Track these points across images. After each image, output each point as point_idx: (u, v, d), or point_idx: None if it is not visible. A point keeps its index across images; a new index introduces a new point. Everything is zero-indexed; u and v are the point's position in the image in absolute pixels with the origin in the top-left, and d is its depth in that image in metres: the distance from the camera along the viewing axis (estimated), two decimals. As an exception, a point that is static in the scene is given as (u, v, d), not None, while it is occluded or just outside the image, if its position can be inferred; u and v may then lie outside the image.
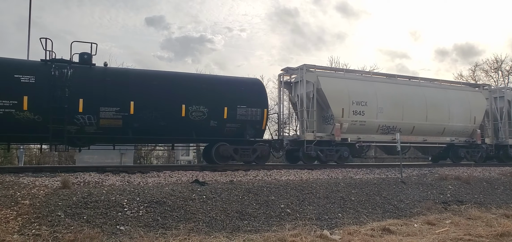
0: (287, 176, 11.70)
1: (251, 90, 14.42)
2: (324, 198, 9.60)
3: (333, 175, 12.39)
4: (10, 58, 11.98)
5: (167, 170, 11.73)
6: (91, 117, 11.88)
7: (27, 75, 11.36)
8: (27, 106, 11.16)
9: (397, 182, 11.76)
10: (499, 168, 16.58)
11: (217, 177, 10.79)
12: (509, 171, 15.38)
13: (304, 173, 12.34)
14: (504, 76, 38.47)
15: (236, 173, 11.63)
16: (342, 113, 15.62)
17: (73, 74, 11.91)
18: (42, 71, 11.66)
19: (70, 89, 11.70)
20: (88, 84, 12.04)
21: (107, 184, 9.00)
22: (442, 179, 12.62)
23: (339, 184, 10.72)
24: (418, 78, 19.43)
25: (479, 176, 14.09)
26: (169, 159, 28.68)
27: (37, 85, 11.35)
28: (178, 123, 12.92)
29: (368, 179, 11.90)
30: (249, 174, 11.67)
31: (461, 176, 13.24)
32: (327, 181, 10.98)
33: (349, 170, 13.70)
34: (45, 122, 11.32)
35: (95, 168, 11.32)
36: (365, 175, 12.87)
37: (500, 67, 38.29)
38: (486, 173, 14.91)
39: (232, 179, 10.51)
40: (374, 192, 10.54)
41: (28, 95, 11.18)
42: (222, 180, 10.37)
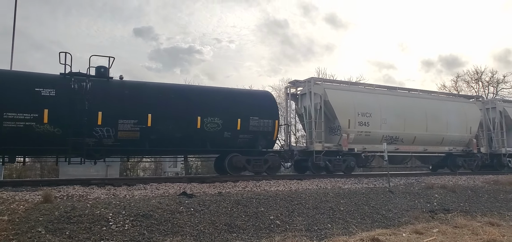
0: (276, 186, 11.64)
1: (263, 102, 14.92)
2: (313, 209, 9.55)
3: (322, 185, 12.38)
4: (30, 72, 12.20)
5: (154, 182, 11.62)
6: (110, 130, 12.06)
7: (47, 89, 11.49)
8: (47, 119, 11.25)
9: (385, 191, 11.83)
10: (482, 176, 16.99)
11: (205, 188, 10.68)
12: (492, 179, 15.76)
13: (293, 183, 12.30)
14: (485, 87, 39.77)
15: (225, 185, 11.54)
16: (349, 124, 16.11)
17: (92, 87, 12.12)
18: (62, 85, 11.85)
19: (90, 102, 11.86)
20: (107, 98, 12.26)
21: (91, 198, 8.78)
22: (428, 188, 12.78)
23: (328, 194, 10.70)
24: (417, 90, 20.30)
25: (464, 184, 14.33)
26: (156, 171, 28.33)
27: (57, 98, 11.50)
28: (194, 134, 13.23)
29: (356, 189, 11.94)
30: (238, 185, 11.59)
31: (447, 184, 13.45)
32: (316, 191, 10.96)
33: (338, 180, 13.75)
34: (64, 134, 11.41)
35: (79, 181, 11.07)
36: (353, 185, 12.91)
37: (480, 78, 40.07)
38: (471, 182, 15.19)
39: (221, 191, 10.38)
40: (363, 202, 10.55)
41: (49, 109, 11.30)
42: (210, 192, 10.25)
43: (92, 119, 11.81)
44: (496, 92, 38.93)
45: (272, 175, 14.07)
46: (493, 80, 39.56)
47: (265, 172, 14.36)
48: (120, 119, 12.13)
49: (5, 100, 10.92)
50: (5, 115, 10.79)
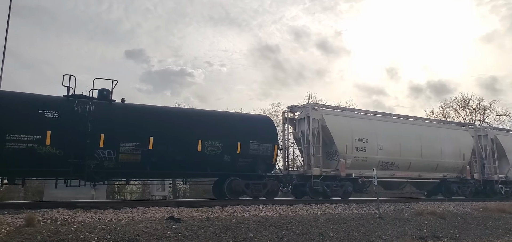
0: (266, 211, 11.63)
1: (262, 126, 15.14)
2: (303, 235, 9.48)
3: (312, 211, 12.37)
4: (34, 94, 12.33)
5: (141, 205, 11.46)
6: (111, 152, 12.12)
7: (51, 111, 11.60)
8: (50, 141, 11.30)
9: (375, 217, 11.80)
10: (471, 203, 17.16)
11: (193, 213, 10.57)
12: (481, 205, 15.84)
13: (283, 209, 12.31)
14: (472, 114, 40.45)
15: (213, 209, 11.42)
16: (346, 149, 16.33)
17: (94, 110, 12.28)
18: (66, 107, 12.00)
19: (92, 125, 12.01)
20: (109, 120, 12.42)
21: (76, 221, 8.61)
22: (418, 214, 12.78)
23: (318, 220, 10.67)
24: (412, 117, 20.74)
25: (453, 211, 14.35)
26: (144, 194, 27.88)
27: (60, 120, 11.61)
28: (194, 157, 13.27)
29: (346, 215, 11.91)
30: (227, 210, 11.51)
31: (437, 211, 13.45)
32: (306, 217, 10.94)
33: (328, 205, 13.73)
34: (66, 156, 11.46)
35: (64, 204, 10.85)
36: (343, 211, 12.88)
37: (468, 105, 41.04)
38: (460, 208, 15.24)
39: (209, 216, 10.29)
40: (353, 228, 10.49)
41: (52, 130, 11.38)
42: (199, 216, 10.15)
43: (94, 142, 11.88)
44: (483, 120, 39.74)
45: (268, 199, 14.13)
46: (480, 107, 40.73)
47: (264, 196, 14.39)
48: (122, 142, 12.23)
49: (9, 122, 11.00)
50: (7, 137, 10.84)
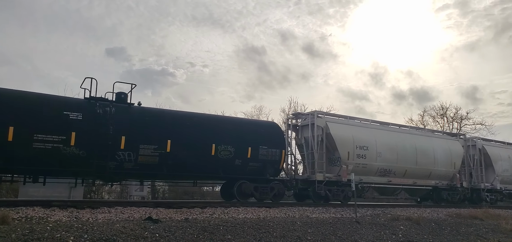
0: (245, 214, 11.70)
1: (271, 132, 15.85)
2: (280, 238, 9.61)
3: (290, 214, 12.51)
4: (59, 96, 12.87)
5: (119, 205, 11.35)
6: (131, 154, 12.51)
7: (75, 112, 11.99)
8: (74, 142, 11.66)
9: (352, 221, 12.06)
10: (445, 209, 17.61)
11: (171, 214, 10.54)
12: (454, 212, 16.27)
13: (261, 211, 12.40)
14: (449, 123, 41.40)
15: (192, 210, 11.41)
16: (348, 156, 17.00)
17: (115, 112, 12.67)
18: (88, 109, 12.36)
19: (114, 127, 12.36)
20: (129, 123, 12.86)
21: (52, 220, 8.46)
22: (394, 219, 13.10)
23: (296, 223, 10.86)
24: (408, 127, 22.19)
25: (428, 216, 14.71)
26: (122, 194, 27.53)
27: (84, 122, 11.99)
28: (208, 160, 13.84)
29: (324, 218, 12.13)
30: (206, 211, 11.48)
31: (412, 216, 13.77)
32: (284, 220, 11.12)
33: (306, 209, 13.90)
34: (88, 157, 11.87)
35: (40, 202, 10.59)
36: (321, 214, 13.09)
37: (445, 113, 41.84)
38: (434, 214, 15.63)
39: (188, 217, 10.27)
40: (330, 232, 10.68)
41: (76, 132, 11.73)
42: (177, 217, 10.12)
43: (116, 144, 12.29)
44: (460, 128, 40.53)
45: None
46: (457, 116, 41.40)
47: (271, 199, 15.00)
48: (141, 144, 12.68)
49: (36, 122, 11.34)
50: (35, 137, 11.14)
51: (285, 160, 16.16)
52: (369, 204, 17.85)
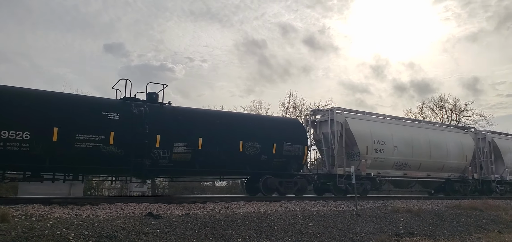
0: (245, 208, 11.64)
1: (294, 129, 16.69)
2: (281, 231, 9.59)
3: (291, 208, 12.50)
4: (97, 97, 13.66)
5: (119, 201, 11.34)
6: (166, 151, 13.22)
7: (113, 113, 12.63)
8: (113, 141, 12.28)
9: (353, 214, 12.04)
10: (445, 201, 17.59)
11: (172, 209, 10.53)
12: (454, 203, 16.17)
13: (262, 205, 12.35)
14: (448, 114, 41.57)
15: (193, 206, 11.40)
16: (367, 151, 17.56)
17: (149, 112, 13.35)
18: (125, 109, 13.03)
19: (149, 126, 13.03)
20: (163, 122, 13.54)
21: (52, 217, 8.42)
22: (395, 211, 13.08)
23: (297, 216, 10.85)
24: (421, 121, 23.33)
25: (428, 208, 14.67)
26: (122, 190, 27.52)
27: (121, 122, 12.64)
28: (236, 156, 14.62)
29: (324, 211, 12.11)
30: (206, 206, 11.49)
31: (412, 208, 13.74)
32: (284, 213, 11.09)
33: (307, 202, 13.90)
34: (126, 155, 12.50)
35: (40, 200, 10.56)
36: (321, 207, 13.10)
37: (444, 105, 42.11)
38: (435, 206, 15.58)
39: (188, 212, 10.25)
40: (331, 225, 10.68)
41: (114, 131, 12.35)
42: (178, 213, 10.11)
43: (151, 142, 12.98)
44: (459, 120, 40.54)
45: (298, 196, 14.95)
46: (456, 108, 41.61)
47: (294, 193, 15.58)
48: (175, 142, 13.39)
49: (78, 123, 12.00)
50: (77, 137, 11.83)
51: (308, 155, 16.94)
52: (369, 196, 17.86)
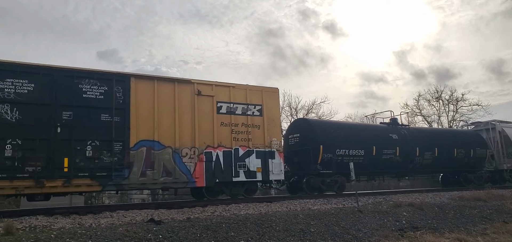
0: (246, 210, 11.63)
1: (479, 138, 23.74)
2: (283, 231, 9.57)
3: (292, 207, 12.45)
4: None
5: (121, 209, 11.44)
6: (420, 158, 20.18)
7: (395, 134, 19.70)
8: (398, 153, 19.11)
9: (354, 211, 11.96)
10: (448, 193, 17.57)
11: (173, 214, 10.56)
12: (457, 195, 16.13)
13: (262, 206, 12.32)
14: (445, 105, 41.84)
15: (193, 210, 11.42)
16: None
17: (408, 133, 20.42)
18: (399, 132, 20.12)
19: (413, 142, 20.05)
20: (414, 138, 20.31)
21: (56, 228, 8.50)
22: (396, 206, 12.96)
23: (298, 216, 10.78)
24: None
25: (430, 201, 14.58)
26: (122, 198, 27.48)
27: (399, 140, 19.48)
28: (452, 160, 21.70)
29: (326, 209, 12.04)
30: (207, 209, 11.49)
31: (414, 202, 13.66)
32: (286, 213, 11.03)
33: (307, 201, 13.83)
34: (403, 162, 19.45)
35: (42, 211, 10.74)
36: (322, 205, 13.02)
37: (440, 97, 42.10)
38: (437, 198, 15.50)
39: (189, 216, 10.27)
40: (333, 222, 10.63)
41: (398, 147, 19.23)
42: (179, 217, 10.13)
43: (413, 152, 19.81)
44: (456, 110, 40.58)
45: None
46: (453, 98, 41.52)
47: (481, 184, 21.85)
48: (425, 152, 20.31)
49: (382, 144, 18.67)
50: (383, 151, 18.58)
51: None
52: (370, 192, 17.87)
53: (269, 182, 14.95)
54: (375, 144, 18.61)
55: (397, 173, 20.71)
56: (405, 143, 19.63)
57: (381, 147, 18.71)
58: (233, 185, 14.12)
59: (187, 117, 13.41)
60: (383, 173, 20.19)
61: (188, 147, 13.22)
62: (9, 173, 10.59)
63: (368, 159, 18.22)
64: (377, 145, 18.62)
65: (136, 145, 12.30)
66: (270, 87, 15.61)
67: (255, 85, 15.39)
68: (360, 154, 17.92)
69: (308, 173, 16.39)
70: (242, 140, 14.30)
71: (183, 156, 13.07)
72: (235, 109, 14.41)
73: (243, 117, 14.51)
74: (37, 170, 10.89)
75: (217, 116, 13.98)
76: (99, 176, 11.66)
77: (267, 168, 14.54)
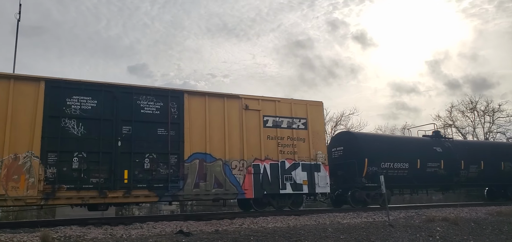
0: (274, 223, 11.57)
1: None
2: (313, 245, 9.29)
3: (321, 221, 12.32)
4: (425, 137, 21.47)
5: (151, 220, 11.67)
6: (466, 172, 20.18)
7: (438, 147, 19.70)
8: (443, 166, 19.14)
9: (385, 225, 11.64)
10: (485, 207, 16.86)
11: (202, 226, 10.65)
12: (495, 210, 15.45)
13: (291, 220, 12.25)
14: (480, 116, 39.80)
15: (222, 222, 11.52)
16: None
17: (452, 145, 20.41)
18: (444, 145, 20.21)
19: (457, 155, 20.02)
20: (461, 151, 20.42)
21: (89, 238, 8.73)
22: (429, 220, 12.55)
23: (327, 230, 10.57)
24: None
25: (466, 216, 14.06)
26: (152, 209, 28.20)
27: (443, 153, 19.58)
28: (499, 172, 21.55)
29: (355, 223, 11.83)
30: (235, 222, 11.52)
31: (449, 217, 13.17)
32: (315, 227, 10.86)
33: (336, 215, 13.65)
34: (448, 175, 19.50)
35: (76, 221, 11.15)
36: (352, 219, 12.78)
37: (475, 107, 39.98)
38: (473, 213, 14.94)
39: (218, 229, 10.32)
40: (363, 237, 10.31)
41: (443, 160, 19.22)
42: (207, 229, 10.18)
43: (458, 165, 19.78)
44: (493, 121, 38.81)
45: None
46: (489, 109, 39.49)
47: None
48: (471, 165, 20.26)
49: (426, 157, 18.84)
50: (427, 165, 18.75)
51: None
52: (401, 206, 17.57)
53: (315, 194, 15.17)
54: (419, 157, 18.46)
55: (442, 186, 20.66)
56: (450, 156, 19.61)
57: (425, 160, 18.61)
58: (280, 197, 14.40)
59: (236, 131, 13.91)
60: (427, 186, 20.12)
61: (237, 160, 13.69)
62: (76, 184, 11.39)
63: (412, 172, 18.08)
64: (421, 158, 18.47)
65: (189, 158, 12.89)
66: (315, 100, 15.85)
67: (300, 99, 15.66)
68: (404, 167, 17.85)
69: (353, 186, 16.49)
70: (288, 153, 14.61)
71: (233, 168, 13.54)
72: (281, 123, 14.76)
73: (289, 130, 14.84)
74: (101, 181, 11.62)
75: (264, 130, 14.39)
76: (156, 187, 12.29)
77: (313, 180, 14.74)
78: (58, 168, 11.24)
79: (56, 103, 11.57)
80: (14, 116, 11.05)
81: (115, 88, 12.48)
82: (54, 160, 11.25)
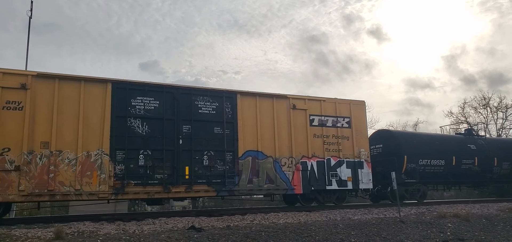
0: (285, 218, 11.60)
1: None
2: (323, 241, 9.38)
3: (331, 216, 12.41)
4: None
5: (163, 216, 11.94)
6: (498, 168, 20.78)
7: (473, 145, 20.27)
8: (477, 163, 19.69)
9: (396, 221, 11.59)
10: (497, 204, 16.88)
11: (213, 222, 10.73)
12: (507, 206, 15.37)
13: (302, 215, 12.36)
14: (493, 113, 39.11)
15: (233, 218, 11.63)
16: None
17: (484, 143, 21.01)
18: (476, 142, 20.64)
19: (491, 152, 20.57)
20: (495, 148, 20.94)
21: (102, 233, 8.75)
22: (440, 216, 12.45)
23: (338, 226, 10.57)
24: None
25: (478, 212, 13.93)
26: (163, 205, 28.44)
27: (478, 150, 20.08)
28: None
29: (366, 220, 11.79)
30: (246, 218, 11.62)
31: (460, 213, 13.02)
32: (325, 223, 10.91)
33: (347, 211, 13.78)
34: (482, 171, 20.03)
35: (89, 217, 11.43)
36: (363, 215, 12.77)
37: (488, 104, 39.20)
38: (485, 209, 14.79)
39: (229, 224, 10.34)
40: (374, 233, 10.26)
41: (477, 157, 19.78)
42: (219, 225, 10.24)
43: (491, 162, 20.38)
44: (506, 117, 38.05)
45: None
46: (502, 105, 38.77)
47: None
48: (503, 162, 20.88)
49: (461, 154, 19.44)
50: (462, 161, 19.29)
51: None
52: (412, 202, 17.41)
53: (358, 190, 15.82)
54: (455, 154, 18.94)
55: (475, 183, 21.23)
56: (483, 153, 20.10)
57: (460, 157, 19.11)
58: (326, 193, 15.09)
59: (284, 129, 14.57)
60: (461, 183, 20.66)
61: (286, 157, 14.37)
62: (143, 180, 12.21)
63: (448, 168, 18.58)
64: (456, 155, 18.95)
65: (243, 155, 13.63)
66: (357, 100, 16.45)
67: (343, 99, 16.22)
68: (440, 163, 18.35)
69: (392, 182, 17.09)
70: (333, 150, 15.25)
71: (282, 165, 14.23)
72: (326, 121, 15.39)
73: (334, 129, 15.47)
74: (164, 177, 12.43)
75: (310, 129, 15.03)
76: (214, 182, 13.08)
77: (357, 177, 15.39)
78: (126, 165, 12.07)
79: (122, 103, 12.37)
80: (85, 116, 11.88)
81: (175, 90, 13.23)
82: (122, 157, 12.08)
